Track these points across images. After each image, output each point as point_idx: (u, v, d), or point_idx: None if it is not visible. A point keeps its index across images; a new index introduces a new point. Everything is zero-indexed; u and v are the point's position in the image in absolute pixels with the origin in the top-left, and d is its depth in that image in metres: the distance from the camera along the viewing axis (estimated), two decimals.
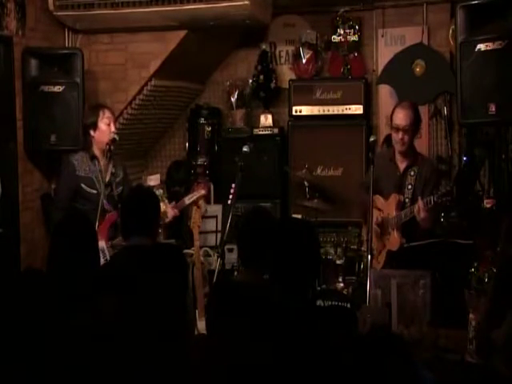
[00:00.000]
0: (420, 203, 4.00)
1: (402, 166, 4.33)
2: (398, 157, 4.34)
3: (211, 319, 2.95)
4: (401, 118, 4.24)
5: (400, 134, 4.22)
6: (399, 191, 4.27)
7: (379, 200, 4.32)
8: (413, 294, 3.34)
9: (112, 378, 2.48)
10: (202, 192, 4.84)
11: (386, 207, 4.29)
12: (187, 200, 4.77)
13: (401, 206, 4.21)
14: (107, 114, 4.67)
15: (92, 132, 4.62)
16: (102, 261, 4.05)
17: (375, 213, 4.24)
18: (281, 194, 6.01)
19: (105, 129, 4.61)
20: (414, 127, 4.28)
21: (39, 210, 5.27)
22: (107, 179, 4.56)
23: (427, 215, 4.01)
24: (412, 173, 4.26)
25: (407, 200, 4.22)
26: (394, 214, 4.21)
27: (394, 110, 4.35)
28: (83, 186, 4.53)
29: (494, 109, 4.34)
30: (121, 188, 4.63)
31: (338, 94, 5.91)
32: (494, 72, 4.38)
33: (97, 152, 4.62)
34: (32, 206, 5.17)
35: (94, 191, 4.53)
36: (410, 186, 4.24)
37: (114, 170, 4.62)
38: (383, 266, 4.23)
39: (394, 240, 4.21)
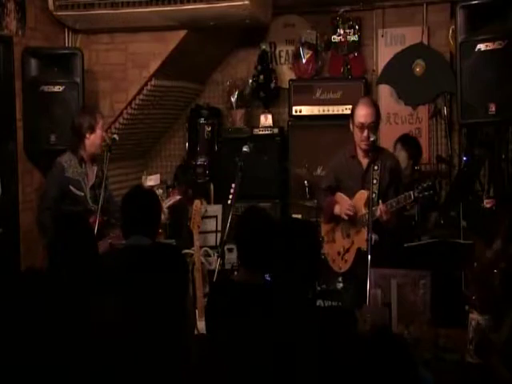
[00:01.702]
0: (382, 207, 3.97)
1: (364, 162, 4.25)
2: (360, 153, 4.28)
3: (211, 319, 2.95)
4: (364, 115, 4.16)
5: (365, 132, 4.17)
6: (364, 187, 4.22)
7: (342, 198, 4.27)
8: (413, 294, 3.34)
9: (112, 378, 2.48)
10: (177, 197, 5.08)
11: (353, 204, 4.23)
12: (164, 205, 4.95)
13: (369, 201, 4.16)
14: (102, 119, 4.76)
15: (88, 135, 4.63)
16: None
17: (341, 208, 4.19)
18: (281, 194, 6.01)
19: (100, 134, 4.68)
20: (377, 123, 4.25)
21: None
22: (92, 182, 4.64)
23: (390, 218, 3.99)
24: (376, 167, 4.17)
25: (374, 195, 4.16)
26: (361, 211, 4.16)
27: (355, 107, 4.26)
28: (71, 187, 4.56)
29: (493, 109, 4.35)
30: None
31: (338, 94, 5.91)
32: (494, 72, 4.38)
33: (85, 155, 4.66)
34: (32, 206, 5.16)
35: (82, 193, 4.59)
36: (375, 181, 4.16)
37: (97, 174, 4.71)
38: (352, 264, 4.18)
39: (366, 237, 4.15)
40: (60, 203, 4.55)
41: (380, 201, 4.02)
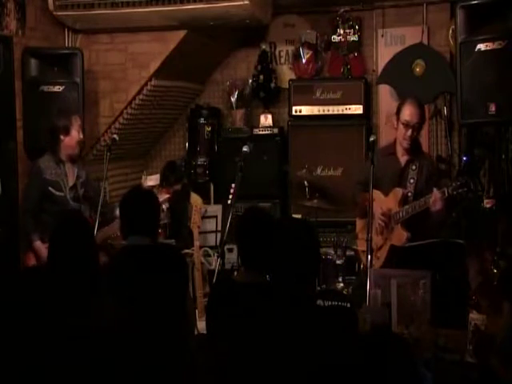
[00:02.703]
0: (436, 193, 3.95)
1: (402, 159, 4.31)
2: (399, 150, 4.32)
3: (211, 319, 2.95)
4: (410, 114, 4.22)
5: (409, 132, 4.21)
6: (400, 185, 4.24)
7: (378, 195, 4.28)
8: (413, 294, 3.34)
9: (111, 378, 2.48)
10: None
11: (386, 202, 4.24)
12: None
13: (404, 200, 4.19)
14: (79, 121, 4.71)
15: (62, 136, 4.62)
16: None
17: (375, 206, 4.19)
18: (281, 194, 6.02)
19: (75, 136, 4.65)
20: (421, 125, 4.28)
21: None
22: (72, 182, 4.65)
23: (442, 208, 3.99)
24: (414, 167, 4.23)
25: (410, 194, 4.19)
26: (395, 209, 4.19)
27: (402, 105, 4.30)
28: (50, 189, 4.58)
29: (493, 109, 4.34)
30: (83, 189, 4.71)
31: (338, 94, 5.91)
32: (494, 72, 4.38)
33: (63, 156, 4.66)
34: None
35: (62, 194, 4.60)
36: (412, 180, 4.21)
37: (78, 173, 4.71)
38: (384, 261, 4.20)
39: (400, 235, 4.17)
40: (40, 204, 4.58)
41: (435, 189, 4.01)
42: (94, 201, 4.71)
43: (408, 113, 4.22)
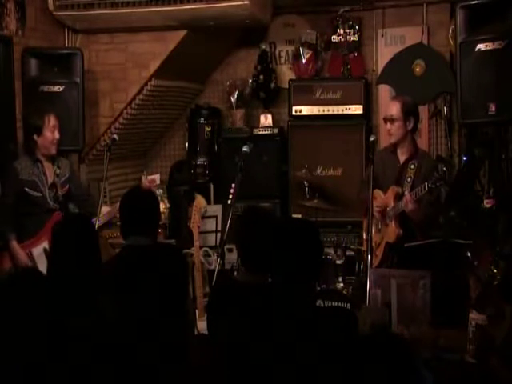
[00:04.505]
0: (407, 196, 4.04)
1: (402, 158, 4.34)
2: (399, 149, 4.35)
3: (212, 319, 2.95)
4: (390, 109, 4.32)
5: (388, 125, 4.29)
6: (398, 183, 4.27)
7: (379, 194, 4.32)
8: (413, 294, 3.34)
9: (112, 378, 2.48)
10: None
11: (384, 200, 4.29)
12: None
13: (398, 197, 4.21)
14: (52, 121, 4.53)
15: (35, 137, 4.48)
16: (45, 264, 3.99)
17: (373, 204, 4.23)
18: (281, 194, 6.01)
19: (49, 136, 4.49)
20: (402, 119, 4.27)
21: None
22: (51, 181, 4.52)
23: (415, 207, 4.03)
24: (412, 166, 4.26)
25: (406, 193, 4.21)
26: (391, 205, 4.22)
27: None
28: (27, 189, 4.43)
29: (493, 109, 4.35)
30: (67, 187, 4.60)
31: (338, 94, 5.91)
32: (494, 72, 4.38)
33: (39, 155, 4.52)
34: None
35: (39, 194, 4.46)
36: (409, 179, 4.23)
37: (58, 171, 4.58)
38: (381, 259, 4.22)
39: (392, 231, 4.21)
40: (17, 206, 4.44)
41: (406, 191, 4.11)
42: (77, 198, 4.65)
43: (389, 108, 4.33)
